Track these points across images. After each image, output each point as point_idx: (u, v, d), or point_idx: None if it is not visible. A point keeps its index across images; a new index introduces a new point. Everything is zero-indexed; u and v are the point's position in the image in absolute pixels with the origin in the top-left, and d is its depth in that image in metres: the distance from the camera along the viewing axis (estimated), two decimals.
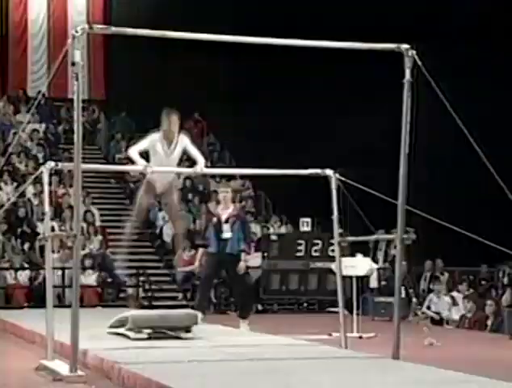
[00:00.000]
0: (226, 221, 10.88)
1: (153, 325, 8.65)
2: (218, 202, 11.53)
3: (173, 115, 8.91)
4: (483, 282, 16.95)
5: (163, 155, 8.78)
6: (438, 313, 14.41)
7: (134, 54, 19.93)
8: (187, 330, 8.81)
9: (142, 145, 8.88)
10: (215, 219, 10.96)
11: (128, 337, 8.56)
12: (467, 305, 14.60)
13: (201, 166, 8.86)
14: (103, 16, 22.29)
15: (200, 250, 11.80)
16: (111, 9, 22.46)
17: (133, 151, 8.81)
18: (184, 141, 8.92)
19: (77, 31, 6.34)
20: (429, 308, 14.65)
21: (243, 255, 11.01)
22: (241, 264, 11.01)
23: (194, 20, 16.05)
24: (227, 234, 10.83)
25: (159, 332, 8.60)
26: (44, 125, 20.41)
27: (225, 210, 11.03)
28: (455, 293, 15.20)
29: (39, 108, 19.60)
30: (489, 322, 13.84)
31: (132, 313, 9.18)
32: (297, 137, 20.38)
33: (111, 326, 9.05)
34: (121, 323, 8.82)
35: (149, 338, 8.52)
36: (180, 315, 9.15)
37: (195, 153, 8.98)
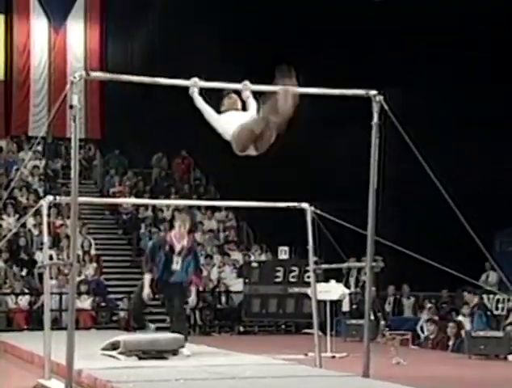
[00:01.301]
0: (179, 253, 9.65)
1: (142, 349, 8.58)
2: (172, 227, 10.11)
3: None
4: (444, 306, 16.97)
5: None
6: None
7: (127, 97, 19.96)
8: (174, 353, 8.77)
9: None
10: (167, 247, 9.66)
11: (118, 360, 8.48)
12: (430, 327, 14.61)
13: (248, 82, 7.31)
14: (99, 63, 22.34)
15: (147, 276, 9.69)
16: (106, 56, 22.53)
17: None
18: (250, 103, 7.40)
19: (75, 77, 6.35)
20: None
21: (193, 287, 10.01)
22: (193, 298, 10.14)
23: (181, 66, 16.07)
24: (176, 267, 9.61)
25: (148, 356, 8.51)
26: (43, 162, 20.41)
27: (179, 240, 9.69)
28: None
29: (43, 146, 19.71)
30: (451, 343, 13.85)
31: (123, 337, 9.03)
32: (277, 173, 20.40)
33: (104, 349, 8.95)
34: (113, 347, 8.75)
35: (140, 359, 8.45)
36: (168, 339, 9.04)
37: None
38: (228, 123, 7.07)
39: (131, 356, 8.44)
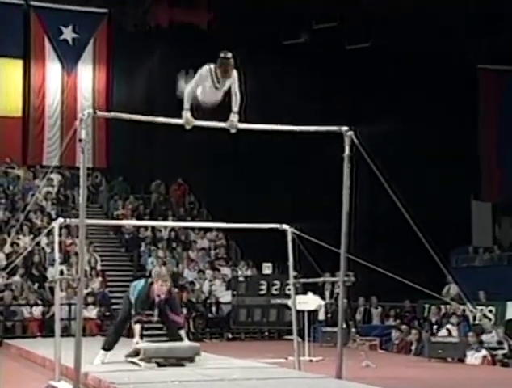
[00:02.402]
0: (158, 304, 9.03)
1: (161, 356, 8.37)
2: (157, 280, 9.18)
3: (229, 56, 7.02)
4: (407, 314, 16.96)
5: (211, 89, 7.03)
6: None
7: (130, 131, 19.93)
8: (191, 360, 8.54)
9: (194, 81, 7.02)
10: (150, 300, 9.03)
11: (139, 365, 8.29)
12: (395, 333, 14.59)
13: (235, 120, 7.04)
14: (106, 101, 22.31)
15: (136, 327, 8.97)
16: (112, 96, 22.53)
17: (188, 91, 6.96)
18: (233, 76, 7.06)
19: (84, 115, 6.34)
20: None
21: (182, 331, 9.27)
22: (182, 333, 9.26)
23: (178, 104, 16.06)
24: (155, 318, 9.11)
25: (167, 362, 8.30)
26: (56, 188, 20.35)
27: (159, 294, 9.02)
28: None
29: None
30: (413, 348, 13.82)
31: (143, 345, 8.63)
32: (262, 198, 20.41)
33: (128, 355, 8.67)
34: (136, 353, 8.53)
35: (159, 365, 8.24)
36: (185, 347, 8.79)
37: (235, 90, 7.03)
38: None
39: (150, 363, 8.25)
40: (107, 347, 8.87)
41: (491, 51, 22.42)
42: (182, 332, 9.27)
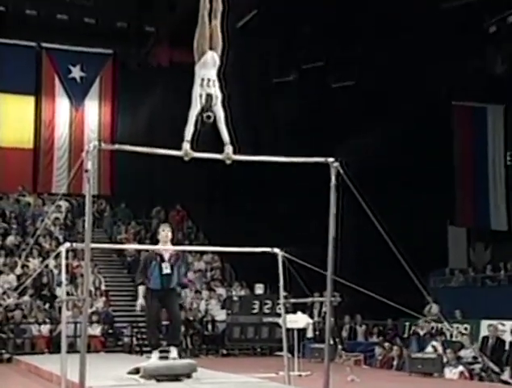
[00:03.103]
0: (168, 260, 8.95)
1: (160, 373, 8.23)
2: (158, 241, 9.20)
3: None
4: (389, 332, 16.87)
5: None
6: None
7: (133, 161, 19.91)
8: (188, 376, 8.42)
9: (192, 107, 6.86)
10: (158, 258, 9.01)
11: (139, 382, 8.16)
12: (378, 350, 14.50)
13: (230, 151, 6.80)
14: (111, 134, 22.37)
15: (141, 287, 9.03)
16: (116, 128, 22.58)
17: (190, 122, 6.80)
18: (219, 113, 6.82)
19: (90, 147, 6.33)
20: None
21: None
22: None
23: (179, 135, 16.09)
24: (167, 270, 8.87)
25: (166, 378, 8.17)
26: (63, 214, 20.27)
27: (165, 249, 9.03)
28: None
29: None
30: (395, 363, 13.73)
31: (144, 364, 8.54)
32: (255, 223, 20.37)
33: (130, 372, 8.52)
34: (136, 371, 8.39)
35: (157, 381, 8.11)
36: (183, 365, 8.67)
37: (221, 123, 6.85)
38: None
39: (150, 379, 8.13)
40: (154, 346, 8.84)
41: (462, 89, 22.86)
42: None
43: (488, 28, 20.95)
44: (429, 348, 13.13)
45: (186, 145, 6.83)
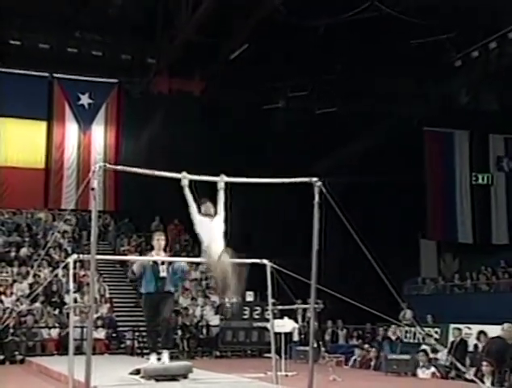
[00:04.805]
0: (162, 263, 8.43)
1: (159, 374, 8.11)
2: (152, 248, 8.77)
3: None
4: (368, 335, 16.84)
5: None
6: None
7: (135, 180, 19.83)
8: (185, 376, 8.30)
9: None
10: (153, 263, 8.43)
11: (139, 382, 8.04)
12: (358, 351, 14.45)
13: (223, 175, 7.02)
14: (115, 155, 22.31)
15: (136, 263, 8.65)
16: (120, 150, 22.56)
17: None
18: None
19: (96, 167, 6.33)
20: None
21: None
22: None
23: (180, 160, 16.14)
24: (163, 274, 8.37)
25: (164, 379, 8.05)
26: (72, 228, 20.19)
27: (159, 255, 8.55)
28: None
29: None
30: (372, 364, 13.69)
31: (144, 365, 8.41)
32: (244, 236, 20.33)
33: (131, 373, 8.36)
34: (137, 372, 8.26)
35: (156, 381, 7.99)
36: (180, 366, 8.57)
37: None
38: (202, 231, 7.08)
39: (150, 380, 8.02)
40: (152, 349, 8.65)
41: (432, 116, 23.21)
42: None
43: (454, 62, 21.23)
44: (420, 352, 12.90)
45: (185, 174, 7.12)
